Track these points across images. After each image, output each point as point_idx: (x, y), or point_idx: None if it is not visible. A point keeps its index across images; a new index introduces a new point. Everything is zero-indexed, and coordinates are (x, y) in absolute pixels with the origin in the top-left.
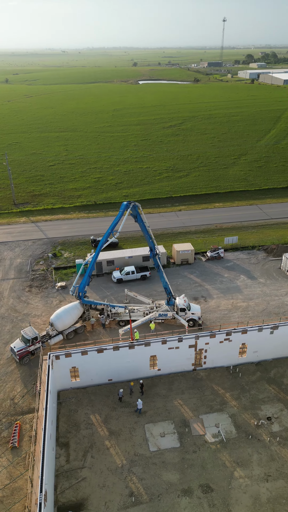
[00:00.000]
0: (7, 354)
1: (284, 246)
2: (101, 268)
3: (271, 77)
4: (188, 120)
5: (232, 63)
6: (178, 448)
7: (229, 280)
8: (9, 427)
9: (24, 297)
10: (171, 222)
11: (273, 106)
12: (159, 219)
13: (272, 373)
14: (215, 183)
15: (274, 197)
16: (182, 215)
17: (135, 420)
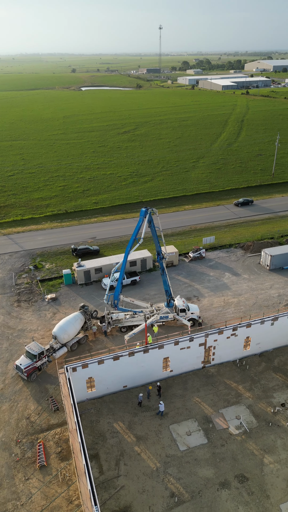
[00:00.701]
0: (11, 373)
1: (259, 243)
2: (89, 277)
3: (210, 83)
4: (141, 126)
5: (170, 70)
6: (206, 444)
7: (215, 279)
8: (31, 446)
9: (15, 312)
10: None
11: (218, 111)
12: (134, 224)
13: (276, 362)
14: (181, 186)
15: (237, 197)
16: (156, 218)
17: (159, 422)
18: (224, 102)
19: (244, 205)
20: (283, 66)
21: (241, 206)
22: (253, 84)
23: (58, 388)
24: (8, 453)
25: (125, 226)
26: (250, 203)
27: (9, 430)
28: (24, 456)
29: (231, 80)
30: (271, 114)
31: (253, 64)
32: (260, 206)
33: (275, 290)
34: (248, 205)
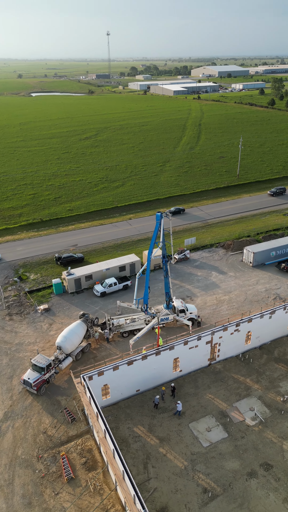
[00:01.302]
0: (17, 388)
1: (239, 241)
2: (80, 284)
3: (162, 88)
4: (102, 131)
5: (119, 75)
6: (227, 438)
7: (204, 278)
8: (54, 461)
9: (8, 326)
10: (126, 230)
11: (175, 116)
12: (114, 229)
13: (276, 353)
14: (152, 190)
15: (208, 198)
16: (134, 223)
17: (178, 422)
18: (179, 107)
19: (176, 213)
20: (227, 72)
21: (173, 215)
22: (202, 89)
23: (70, 398)
24: (31, 470)
25: (105, 232)
26: (181, 212)
27: (28, 447)
28: (49, 471)
29: (182, 86)
30: (225, 118)
31: (199, 70)
32: (231, 206)
33: (262, 285)
34: (180, 213)
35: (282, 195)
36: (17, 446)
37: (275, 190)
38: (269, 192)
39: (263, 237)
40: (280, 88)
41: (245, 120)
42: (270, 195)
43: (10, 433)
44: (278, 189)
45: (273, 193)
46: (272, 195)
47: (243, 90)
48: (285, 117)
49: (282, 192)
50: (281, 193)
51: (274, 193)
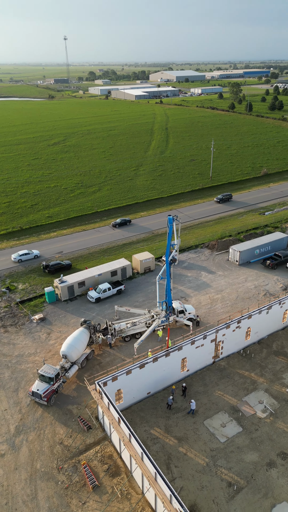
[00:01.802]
0: (25, 401)
1: (223, 241)
2: (73, 292)
3: (124, 93)
4: (70, 137)
5: (77, 80)
6: (242, 432)
7: (194, 278)
8: (76, 470)
9: (4, 338)
10: (110, 235)
11: (141, 120)
12: (97, 235)
13: (274, 347)
14: (130, 194)
15: (185, 200)
16: (117, 227)
17: (193, 420)
18: (143, 111)
19: (122, 225)
20: (184, 77)
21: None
22: (163, 93)
23: (82, 407)
24: (53, 482)
25: (89, 238)
26: (128, 223)
27: (46, 459)
28: (72, 482)
29: (142, 90)
30: (190, 121)
31: (157, 75)
32: (208, 208)
33: (250, 282)
34: (126, 225)
35: (229, 201)
36: (34, 459)
37: (222, 197)
38: (215, 199)
39: (244, 236)
40: (238, 92)
41: (209, 123)
42: (216, 202)
43: (25, 447)
44: (224, 196)
45: (220, 200)
46: (218, 202)
47: (202, 95)
48: (246, 120)
49: (228, 198)
50: (227, 200)
51: (220, 200)
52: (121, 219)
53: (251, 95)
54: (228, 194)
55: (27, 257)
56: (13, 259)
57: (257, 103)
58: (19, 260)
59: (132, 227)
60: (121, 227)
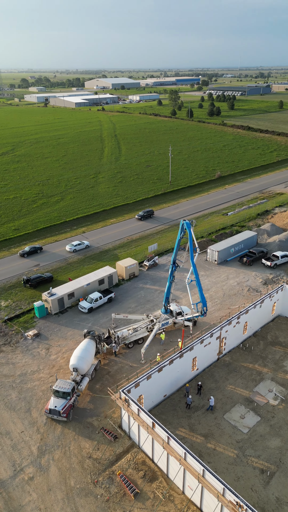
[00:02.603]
0: (41, 420)
1: (197, 243)
2: (63, 304)
3: (63, 100)
4: (18, 146)
5: (9, 87)
6: (261, 420)
7: (180, 280)
8: (112, 482)
9: (2, 358)
10: None
11: (88, 127)
12: None
13: (269, 338)
14: (95, 202)
15: (151, 205)
16: (90, 235)
17: (213, 416)
18: (88, 119)
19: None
20: (120, 84)
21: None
22: (103, 101)
23: (102, 418)
24: (92, 497)
25: (63, 248)
26: (38, 251)
27: (78, 475)
28: (111, 493)
29: (82, 98)
30: (137, 128)
31: (92, 82)
32: (174, 212)
33: (232, 280)
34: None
35: (151, 217)
36: (66, 477)
37: (143, 213)
38: (136, 216)
39: (216, 236)
40: (176, 99)
41: (155, 129)
42: (138, 219)
43: (53, 467)
44: (145, 212)
45: (141, 217)
46: (140, 219)
47: (141, 101)
48: (189, 126)
49: (150, 215)
50: (149, 216)
51: (142, 217)
52: (30, 247)
53: (188, 101)
54: (149, 210)
55: (80, 247)
56: (68, 249)
57: (195, 109)
58: (74, 250)
59: (103, 234)
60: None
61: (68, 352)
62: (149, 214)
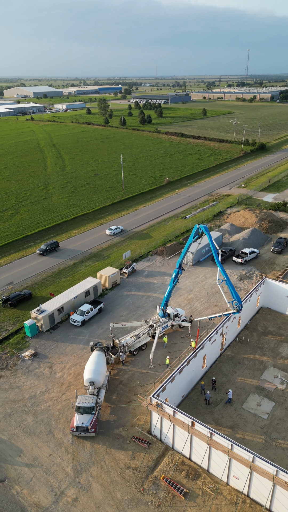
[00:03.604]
0: (66, 439)
1: (169, 246)
2: (54, 320)
3: None
4: None
5: None
6: (276, 405)
7: (161, 284)
8: (158, 487)
9: (4, 384)
10: (56, 258)
11: (23, 138)
12: (42, 258)
13: (260, 328)
14: (53, 213)
15: (110, 214)
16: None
17: (233, 408)
18: (19, 129)
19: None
20: (42, 93)
21: (45, 253)
22: (28, 110)
23: (128, 427)
24: (144, 506)
25: (34, 263)
26: (56, 248)
27: (123, 488)
28: (161, 498)
29: (6, 107)
30: (74, 137)
31: (12, 91)
32: (135, 218)
33: (211, 279)
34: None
35: (55, 251)
36: (111, 491)
37: (45, 247)
38: (37, 251)
39: (183, 239)
40: (106, 108)
41: (93, 138)
42: (39, 254)
43: (94, 483)
44: (48, 246)
45: (43, 251)
46: (42, 254)
47: (68, 110)
48: (125, 134)
49: (55, 247)
50: (54, 249)
51: (44, 252)
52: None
53: (116, 110)
54: (54, 242)
55: (118, 230)
56: (108, 233)
57: (126, 117)
58: (113, 233)
59: (71, 245)
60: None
61: (73, 368)
62: (120, 232)
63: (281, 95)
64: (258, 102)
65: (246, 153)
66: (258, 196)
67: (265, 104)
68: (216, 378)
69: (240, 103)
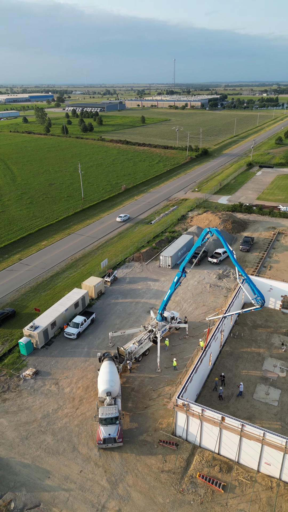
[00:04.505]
0: (94, 453)
1: (144, 252)
2: (48, 335)
3: None
4: None
5: None
6: (282, 392)
7: (146, 289)
8: (195, 485)
9: (12, 407)
10: (30, 272)
11: None
12: (14, 274)
13: (249, 322)
14: (15, 226)
15: (75, 223)
16: (29, 261)
17: (245, 400)
18: None
19: None
20: None
21: None
22: None
23: (151, 432)
24: (187, 505)
25: (6, 280)
26: None
27: (162, 491)
28: (201, 495)
29: None
30: (17, 147)
31: None
32: (102, 226)
33: (192, 280)
34: None
35: None
36: (152, 497)
37: None
38: None
39: (156, 243)
40: (44, 116)
41: (37, 147)
42: (119, 221)
43: (134, 492)
44: None
45: None
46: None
47: (1, 119)
48: (69, 142)
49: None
50: None
51: None
52: None
53: (54, 118)
54: None
55: (125, 217)
56: (118, 220)
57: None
58: (122, 220)
59: (42, 258)
60: None
61: (80, 381)
62: None
63: (210, 103)
64: (190, 109)
65: (192, 159)
66: (213, 199)
67: (197, 111)
68: (224, 372)
69: (174, 110)
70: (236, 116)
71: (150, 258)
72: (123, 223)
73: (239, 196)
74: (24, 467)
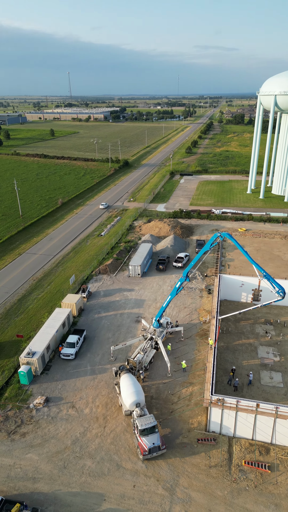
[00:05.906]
0: (139, 466)
1: (110, 263)
2: (45, 360)
3: None
4: None
5: None
6: (284, 374)
7: (125, 300)
8: (244, 472)
9: (34, 439)
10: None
11: None
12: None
13: (231, 317)
14: None
15: (21, 242)
16: None
17: (256, 386)
18: None
19: None
20: None
21: None
22: None
23: (185, 433)
24: (244, 491)
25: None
26: None
27: (218, 485)
28: (253, 479)
29: None
30: None
31: None
32: (52, 243)
33: (164, 285)
34: None
35: None
36: (211, 492)
37: None
38: None
39: (117, 254)
40: None
41: None
42: None
43: (193, 492)
44: None
45: None
46: None
47: None
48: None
49: None
50: None
51: None
52: None
53: None
54: None
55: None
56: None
57: None
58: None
59: (13, 274)
60: None
61: (97, 400)
62: None
63: (112, 115)
64: (94, 122)
65: (116, 170)
66: (151, 207)
67: (101, 123)
68: (227, 367)
69: (78, 123)
70: (140, 128)
71: (117, 269)
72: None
73: (174, 203)
74: (74, 497)
